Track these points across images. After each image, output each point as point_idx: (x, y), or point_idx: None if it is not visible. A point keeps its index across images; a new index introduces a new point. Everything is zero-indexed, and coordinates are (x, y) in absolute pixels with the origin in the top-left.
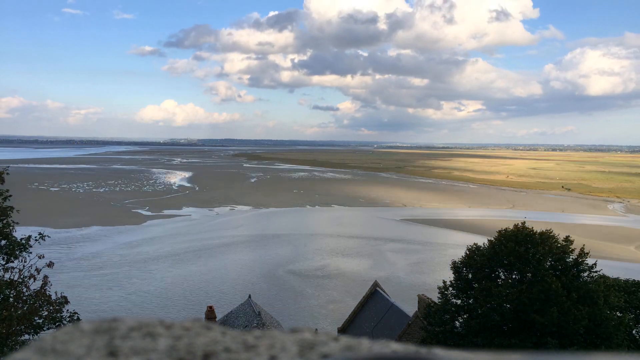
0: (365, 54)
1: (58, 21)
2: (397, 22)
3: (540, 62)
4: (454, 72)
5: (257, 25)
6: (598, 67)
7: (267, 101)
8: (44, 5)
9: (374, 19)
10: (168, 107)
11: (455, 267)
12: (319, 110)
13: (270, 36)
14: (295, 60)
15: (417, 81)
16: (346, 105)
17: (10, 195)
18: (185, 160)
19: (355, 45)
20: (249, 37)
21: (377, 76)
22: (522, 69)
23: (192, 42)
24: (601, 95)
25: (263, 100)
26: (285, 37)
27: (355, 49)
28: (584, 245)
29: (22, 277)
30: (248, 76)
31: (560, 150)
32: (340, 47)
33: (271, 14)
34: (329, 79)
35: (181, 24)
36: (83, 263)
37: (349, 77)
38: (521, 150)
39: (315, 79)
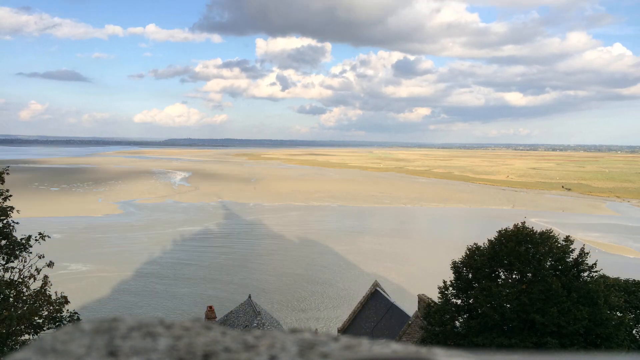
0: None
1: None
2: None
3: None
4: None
5: (224, 65)
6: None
7: (255, 107)
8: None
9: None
10: (170, 111)
11: (456, 267)
12: (304, 114)
13: (234, 71)
14: (265, 82)
15: (363, 94)
16: (330, 111)
17: (10, 195)
18: (185, 160)
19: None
20: (218, 69)
21: (330, 92)
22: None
23: (177, 71)
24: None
25: (251, 106)
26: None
27: (304, 76)
28: (584, 245)
29: (22, 277)
30: (229, 93)
31: (561, 150)
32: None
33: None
34: (298, 91)
35: (167, 57)
36: None
37: (307, 91)
38: (521, 149)
39: (285, 93)
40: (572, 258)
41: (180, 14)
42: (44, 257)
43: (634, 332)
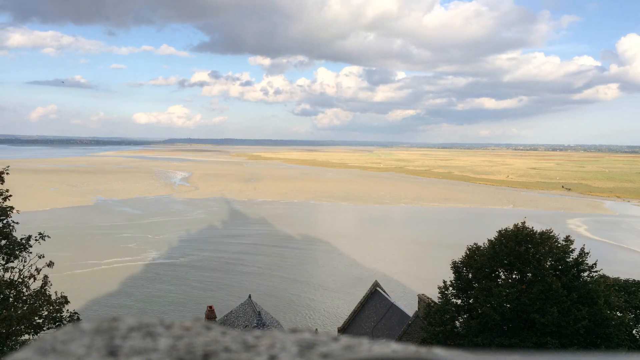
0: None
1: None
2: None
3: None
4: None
5: (221, 74)
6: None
7: (251, 109)
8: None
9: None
10: (171, 112)
11: (456, 267)
12: (298, 115)
13: (230, 78)
14: (257, 87)
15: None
16: (322, 112)
17: (10, 195)
18: (185, 159)
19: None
20: (215, 78)
21: (318, 95)
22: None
23: (177, 79)
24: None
25: (247, 109)
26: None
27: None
28: (584, 245)
29: (22, 277)
30: (224, 97)
31: (561, 149)
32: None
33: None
34: (289, 95)
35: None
36: None
37: (297, 95)
38: (522, 149)
39: (277, 97)
40: (572, 258)
41: (185, 38)
42: (44, 257)
43: (634, 332)
